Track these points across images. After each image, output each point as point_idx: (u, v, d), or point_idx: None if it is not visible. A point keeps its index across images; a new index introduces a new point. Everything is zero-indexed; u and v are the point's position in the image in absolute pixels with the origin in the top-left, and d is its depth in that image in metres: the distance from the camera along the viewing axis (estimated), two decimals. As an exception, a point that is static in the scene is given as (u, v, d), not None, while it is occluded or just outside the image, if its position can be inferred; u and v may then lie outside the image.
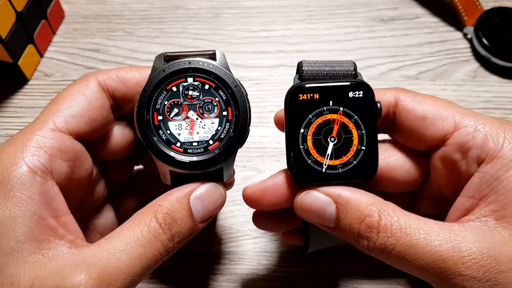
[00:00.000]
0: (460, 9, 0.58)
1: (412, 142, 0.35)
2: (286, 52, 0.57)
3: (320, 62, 0.34)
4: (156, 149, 0.32)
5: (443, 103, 0.34)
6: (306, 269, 0.42)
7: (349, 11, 0.61)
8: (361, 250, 0.31)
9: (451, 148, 0.32)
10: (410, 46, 0.57)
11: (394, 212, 0.30)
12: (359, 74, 0.34)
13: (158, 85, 0.33)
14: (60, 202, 0.30)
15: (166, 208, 0.31)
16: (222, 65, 0.33)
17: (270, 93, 0.54)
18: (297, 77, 0.34)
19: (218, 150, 0.33)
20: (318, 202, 0.32)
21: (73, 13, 0.62)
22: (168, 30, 0.60)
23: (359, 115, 0.33)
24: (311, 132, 0.33)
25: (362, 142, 0.33)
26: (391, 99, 0.34)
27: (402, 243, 0.29)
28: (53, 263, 0.27)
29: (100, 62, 0.57)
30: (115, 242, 0.29)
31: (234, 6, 0.62)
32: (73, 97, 0.32)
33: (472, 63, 0.56)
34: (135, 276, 0.28)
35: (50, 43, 0.59)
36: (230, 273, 0.42)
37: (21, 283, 0.26)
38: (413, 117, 0.33)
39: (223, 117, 0.33)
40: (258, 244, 0.44)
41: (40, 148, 0.30)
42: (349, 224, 0.30)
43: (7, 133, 0.52)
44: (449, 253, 0.28)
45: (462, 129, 0.32)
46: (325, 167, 0.33)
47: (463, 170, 0.32)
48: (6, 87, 0.55)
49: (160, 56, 0.33)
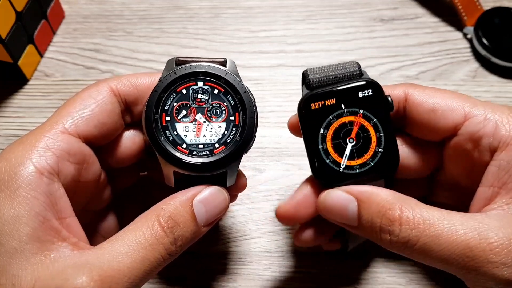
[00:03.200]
0: (460, 9, 0.58)
1: (425, 135, 0.35)
2: (286, 52, 0.57)
3: (325, 67, 0.34)
4: (162, 149, 0.33)
5: (452, 94, 0.34)
6: (306, 269, 0.42)
7: (349, 11, 0.61)
8: (384, 247, 0.31)
9: (463, 138, 0.33)
10: (410, 46, 0.57)
11: (416, 205, 0.30)
12: (364, 72, 0.34)
13: (168, 87, 0.33)
14: (65, 204, 0.30)
15: (169, 212, 0.31)
16: (232, 71, 0.33)
17: (270, 93, 0.54)
18: (304, 87, 0.35)
19: (223, 153, 0.33)
20: (340, 201, 0.32)
21: (73, 13, 0.62)
22: (168, 30, 0.60)
23: (374, 114, 0.33)
24: (330, 133, 0.33)
25: (380, 144, 0.33)
26: (400, 94, 0.35)
27: (427, 234, 0.28)
28: (55, 265, 0.27)
29: (100, 62, 0.57)
30: (118, 245, 0.28)
31: (234, 6, 0.62)
32: (84, 101, 0.33)
33: (472, 63, 0.56)
34: (136, 279, 0.28)
35: (50, 43, 0.59)
36: (230, 273, 0.42)
37: (23, 284, 0.26)
38: (423, 110, 0.34)
39: (230, 121, 0.33)
40: (258, 244, 0.44)
41: (48, 149, 0.30)
42: (370, 219, 0.30)
43: (7, 133, 0.52)
44: (476, 240, 0.28)
45: (472, 118, 0.32)
46: (343, 167, 0.33)
47: (476, 159, 0.32)
48: (6, 87, 0.55)
49: (172, 60, 0.34)
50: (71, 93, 0.54)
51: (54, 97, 0.54)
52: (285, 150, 0.49)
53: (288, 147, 0.50)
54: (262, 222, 0.45)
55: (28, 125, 0.52)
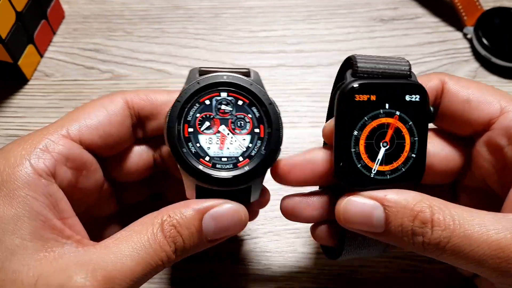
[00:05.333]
0: (460, 9, 0.58)
1: (457, 127, 0.34)
2: (286, 52, 0.57)
3: (374, 57, 0.32)
4: (184, 161, 0.31)
5: (488, 87, 0.33)
6: (306, 269, 0.42)
7: (349, 11, 0.61)
8: (414, 250, 0.30)
9: (497, 132, 0.31)
10: (410, 46, 0.57)
11: (445, 206, 0.29)
12: (413, 74, 0.32)
13: (191, 97, 0.32)
14: (65, 205, 0.30)
15: (174, 220, 0.30)
16: (257, 82, 0.33)
17: (270, 93, 0.53)
18: (349, 73, 0.31)
19: (247, 167, 0.32)
20: (364, 208, 0.30)
21: (73, 13, 0.62)
22: (168, 30, 0.60)
23: (413, 120, 0.31)
24: (364, 135, 0.31)
25: (413, 149, 0.31)
26: (438, 84, 0.33)
27: (457, 234, 0.27)
28: (58, 261, 0.27)
29: (100, 62, 0.57)
30: (122, 246, 0.28)
31: (234, 6, 0.62)
32: (94, 109, 0.33)
33: (472, 63, 0.56)
34: (137, 281, 0.28)
35: (50, 43, 0.59)
36: (230, 273, 0.42)
37: (24, 280, 0.26)
38: (458, 100, 0.32)
39: (254, 134, 0.32)
40: (258, 244, 0.44)
41: (47, 151, 0.30)
42: (400, 224, 0.29)
43: (7, 133, 0.52)
44: (508, 240, 0.27)
45: (508, 113, 0.31)
46: (374, 172, 0.31)
47: (510, 156, 0.31)
48: (6, 87, 0.55)
49: (195, 70, 0.33)
50: (71, 93, 0.54)
51: (54, 97, 0.54)
52: (285, 150, 0.49)
53: (288, 147, 0.49)
54: (262, 222, 0.45)
55: (28, 125, 0.52)
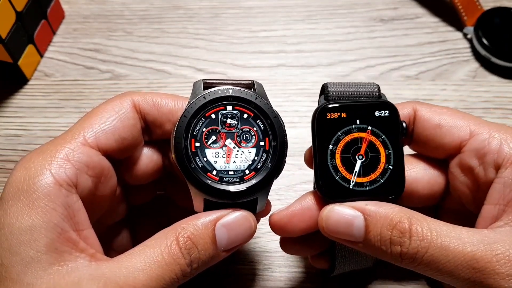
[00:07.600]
0: (460, 9, 0.58)
1: (431, 151, 0.36)
2: (286, 52, 0.57)
3: (345, 83, 0.35)
4: (192, 176, 0.32)
5: (457, 113, 0.35)
6: (306, 269, 0.42)
7: (349, 11, 0.61)
8: (392, 261, 0.30)
9: (468, 154, 0.33)
10: (410, 46, 0.57)
11: (423, 218, 0.30)
12: (383, 95, 0.35)
13: (198, 112, 0.32)
14: (82, 216, 0.30)
15: (189, 232, 0.30)
16: (261, 95, 0.33)
17: (270, 93, 0.53)
18: (322, 97, 0.35)
19: (254, 180, 0.32)
20: (345, 216, 0.31)
21: (73, 13, 0.62)
22: (168, 30, 0.60)
23: (386, 134, 0.33)
24: (339, 149, 0.33)
25: (389, 161, 0.33)
26: (410, 111, 0.35)
27: (434, 245, 0.28)
28: (71, 275, 0.27)
29: (100, 62, 0.57)
30: (135, 260, 0.28)
31: (234, 6, 0.62)
32: (106, 113, 0.32)
33: (472, 63, 0.56)
34: None
35: (50, 43, 0.59)
36: (230, 273, 0.42)
37: None
38: (430, 126, 0.34)
39: (260, 147, 0.33)
40: (258, 244, 0.44)
41: (68, 161, 0.30)
42: (379, 233, 0.30)
43: (7, 133, 0.52)
44: (482, 252, 0.28)
45: (477, 135, 0.33)
46: (353, 184, 0.33)
47: (481, 177, 0.33)
48: (6, 87, 0.55)
49: (199, 83, 0.33)
50: (71, 93, 0.54)
51: (54, 97, 0.54)
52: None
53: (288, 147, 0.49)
54: (262, 222, 0.45)
55: (28, 125, 0.52)
